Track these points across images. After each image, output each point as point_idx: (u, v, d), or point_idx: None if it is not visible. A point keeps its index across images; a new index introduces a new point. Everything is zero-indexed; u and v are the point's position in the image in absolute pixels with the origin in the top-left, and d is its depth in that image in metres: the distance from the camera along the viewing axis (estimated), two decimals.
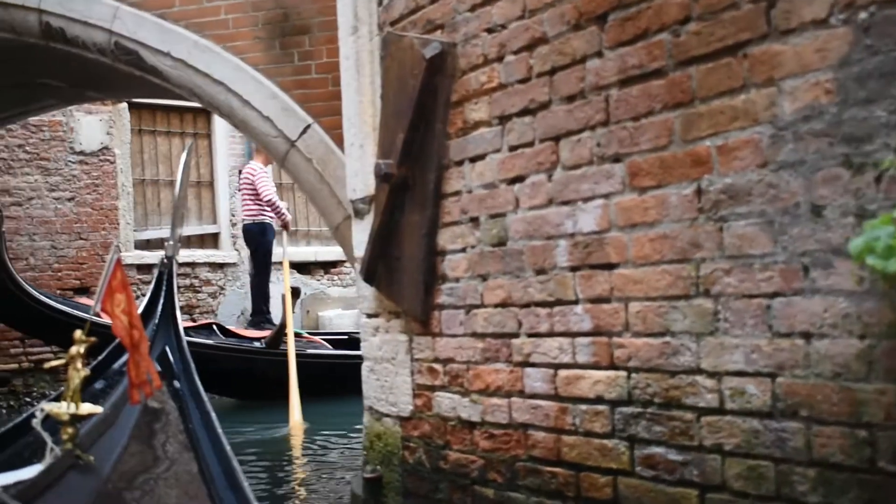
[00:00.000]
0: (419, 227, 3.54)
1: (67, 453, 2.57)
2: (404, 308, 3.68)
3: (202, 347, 9.25)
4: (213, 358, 9.23)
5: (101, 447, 2.90)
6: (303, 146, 5.41)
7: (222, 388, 9.95)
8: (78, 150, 11.63)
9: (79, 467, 2.61)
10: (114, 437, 3.10)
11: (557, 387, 2.96)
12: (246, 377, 9.48)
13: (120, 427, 3.20)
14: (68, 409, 2.59)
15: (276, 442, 7.71)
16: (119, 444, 3.08)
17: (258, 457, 6.98)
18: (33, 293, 9.48)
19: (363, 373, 4.09)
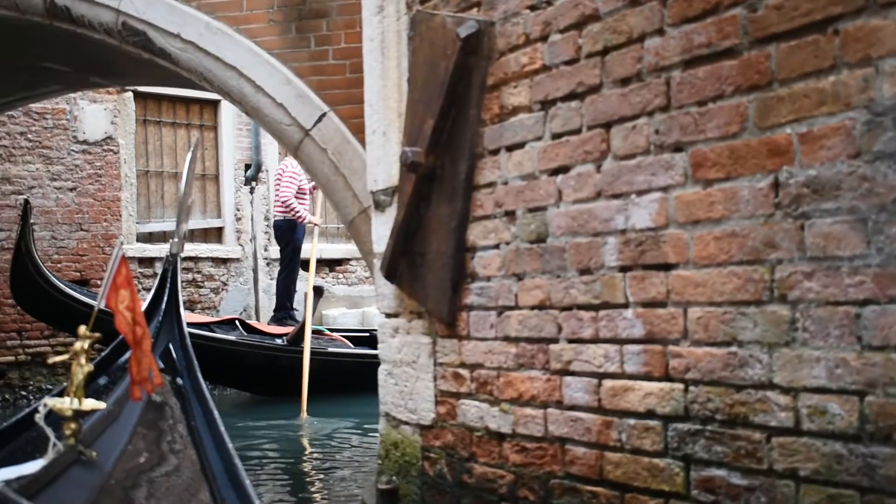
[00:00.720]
0: (447, 220, 3.27)
1: (70, 449, 2.55)
2: (428, 308, 3.41)
3: (225, 343, 9.54)
4: (235, 353, 9.41)
5: (104, 443, 2.87)
6: (317, 135, 5.14)
7: (243, 383, 10.10)
8: (81, 139, 11.39)
9: (81, 463, 2.58)
10: (116, 432, 3.07)
11: (601, 398, 2.69)
12: (267, 373, 9.48)
13: (122, 423, 3.17)
14: (71, 404, 2.55)
15: (286, 437, 7.68)
16: (121, 440, 3.05)
17: (265, 451, 6.97)
18: (58, 284, 9.48)
19: (380, 376, 3.82)
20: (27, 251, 9.18)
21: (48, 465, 2.44)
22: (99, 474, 2.67)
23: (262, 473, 6.16)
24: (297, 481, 6.10)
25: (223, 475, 3.22)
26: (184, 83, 8.62)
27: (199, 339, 9.25)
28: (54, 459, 2.47)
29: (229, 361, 9.42)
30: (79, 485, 2.55)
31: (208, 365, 9.54)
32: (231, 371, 9.62)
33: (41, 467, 2.41)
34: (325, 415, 8.07)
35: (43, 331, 11.02)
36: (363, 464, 6.21)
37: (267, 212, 12.70)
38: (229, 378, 10.13)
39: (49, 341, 11.10)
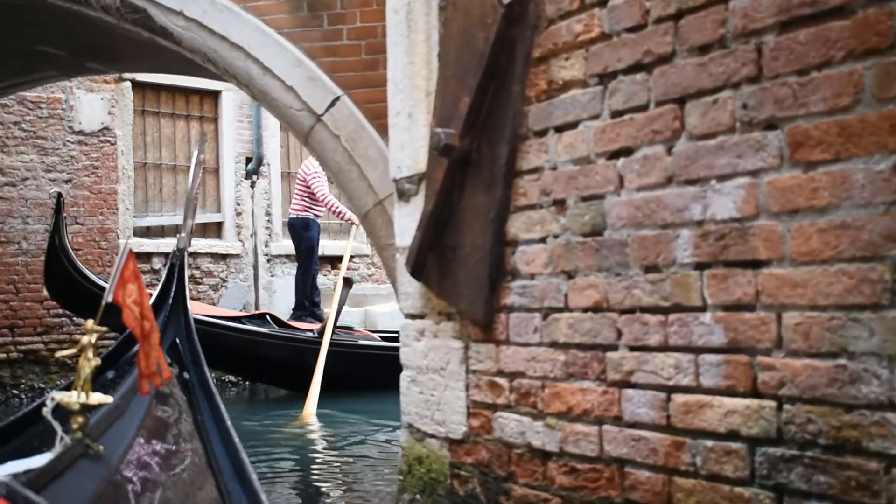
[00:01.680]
0: (485, 210, 2.91)
1: (77, 442, 2.54)
2: (461, 309, 3.05)
3: (256, 335, 9.57)
4: (267, 347, 9.48)
5: (111, 437, 2.88)
6: (330, 121, 4.77)
7: (275, 377, 10.14)
8: (77, 129, 11.04)
9: (88, 456, 2.59)
10: (123, 427, 3.08)
11: (671, 415, 2.33)
12: (297, 367, 9.37)
13: (129, 417, 3.18)
14: (78, 398, 2.55)
15: (286, 431, 7.66)
16: (128, 434, 3.06)
17: (272, 445, 6.94)
18: (92, 277, 9.48)
19: (402, 383, 3.46)
20: (61, 245, 9.13)
21: (55, 458, 2.44)
22: (106, 468, 2.68)
23: (273, 472, 6.09)
24: (312, 482, 5.97)
25: (229, 469, 3.27)
26: (184, 70, 8.25)
27: (232, 333, 9.51)
28: (61, 453, 2.47)
29: (261, 356, 9.53)
30: (86, 478, 2.55)
31: (239, 360, 9.34)
32: (262, 366, 9.73)
33: (48, 461, 2.41)
34: (345, 411, 8.06)
35: (36, 327, 10.67)
36: (382, 466, 6.04)
37: (268, 206, 12.36)
38: (260, 373, 10.19)
39: (42, 338, 10.74)
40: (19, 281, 10.55)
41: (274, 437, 7.33)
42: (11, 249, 10.51)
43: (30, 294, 10.63)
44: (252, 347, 9.42)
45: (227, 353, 9.53)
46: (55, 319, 10.77)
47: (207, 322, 9.44)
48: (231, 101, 12.12)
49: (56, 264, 9.37)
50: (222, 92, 12.06)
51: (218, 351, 9.46)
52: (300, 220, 10.76)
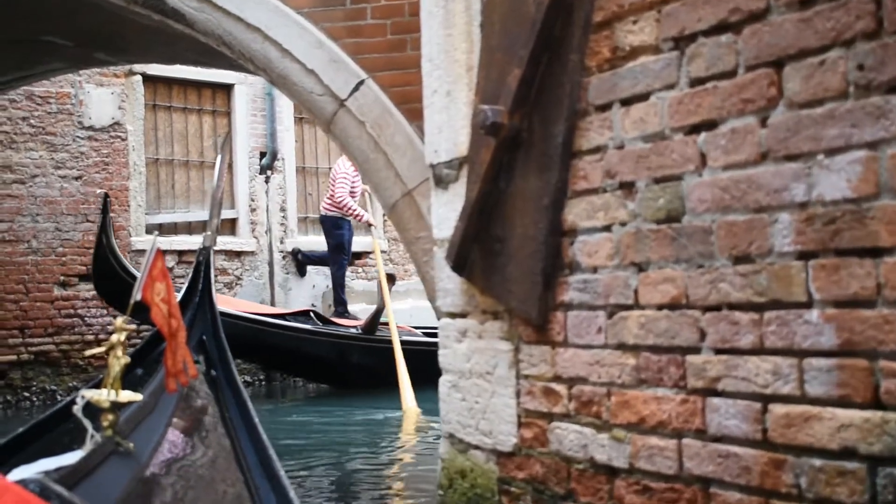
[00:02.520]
0: (538, 196, 2.60)
1: (107, 440, 2.56)
2: (510, 307, 2.74)
3: (301, 332, 9.66)
4: (311, 343, 9.60)
5: (141, 434, 2.88)
6: (354, 106, 4.46)
7: (319, 374, 10.27)
8: (87, 125, 10.77)
9: (119, 454, 2.59)
10: (152, 424, 3.08)
11: (767, 428, 2.01)
12: (342, 364, 9.58)
13: (158, 414, 3.17)
14: (109, 396, 2.55)
15: (385, 427, 7.83)
16: (157, 431, 3.06)
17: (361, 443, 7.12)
18: (133, 270, 9.46)
19: (441, 389, 3.15)
20: (108, 245, 9.17)
21: (86, 456, 2.44)
22: (136, 465, 2.69)
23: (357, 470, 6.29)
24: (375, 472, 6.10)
25: (257, 465, 3.32)
26: (196, 60, 7.95)
27: (277, 331, 9.56)
28: (92, 450, 2.48)
29: (306, 353, 9.65)
30: (116, 475, 2.56)
31: (285, 357, 9.33)
32: (308, 362, 9.86)
33: (79, 458, 2.41)
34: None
35: (46, 328, 10.41)
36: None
37: (283, 202, 12.07)
38: (305, 369, 10.32)
39: (53, 339, 10.48)
40: (29, 281, 10.29)
41: (384, 434, 7.51)
42: (21, 248, 10.25)
43: (40, 294, 10.37)
44: (297, 345, 9.53)
45: (273, 351, 9.67)
46: (66, 320, 10.51)
47: (253, 320, 9.61)
48: (244, 95, 11.84)
49: (104, 265, 9.36)
50: (235, 85, 11.78)
51: (264, 348, 9.74)
52: (330, 218, 10.81)
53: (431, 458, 6.25)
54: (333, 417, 8.55)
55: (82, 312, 10.63)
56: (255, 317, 9.62)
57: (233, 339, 9.32)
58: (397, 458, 6.75)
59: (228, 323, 9.65)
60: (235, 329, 9.76)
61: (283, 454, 6.10)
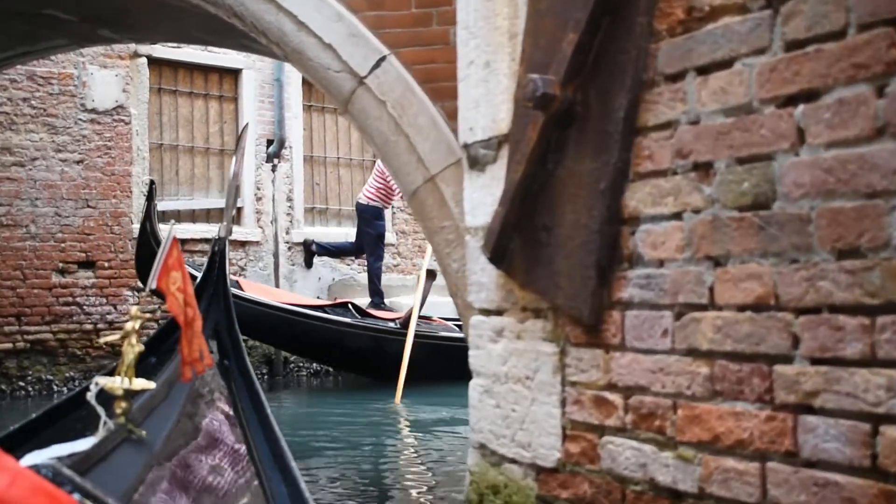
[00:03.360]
0: (593, 179, 2.28)
1: (120, 427, 2.61)
2: (557, 304, 2.42)
3: (341, 325, 9.74)
4: (350, 336, 9.68)
5: (153, 422, 2.93)
6: (374, 84, 4.13)
7: (356, 366, 10.27)
8: (90, 107, 10.46)
9: (131, 441, 2.65)
10: (165, 412, 3.12)
11: (878, 454, 1.69)
12: (380, 356, 9.53)
13: (171, 403, 3.21)
14: (122, 383, 2.62)
15: (375, 419, 7.93)
16: (170, 419, 3.09)
17: (352, 438, 7.16)
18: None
19: (471, 394, 2.83)
20: (153, 233, 9.02)
21: (99, 442, 2.47)
22: (148, 453, 2.71)
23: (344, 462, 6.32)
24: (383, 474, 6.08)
25: (268, 455, 3.34)
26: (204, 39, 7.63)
27: (317, 323, 9.60)
28: (105, 437, 2.51)
29: (344, 345, 9.71)
30: (128, 463, 2.58)
31: (324, 349, 9.34)
32: (344, 353, 9.88)
33: (92, 445, 2.44)
34: (427, 402, 8.33)
35: (44, 316, 10.10)
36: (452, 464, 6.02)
37: (290, 192, 11.76)
38: (343, 361, 10.35)
39: (51, 328, 10.18)
40: (27, 267, 9.99)
41: (357, 424, 7.66)
42: (19, 233, 9.95)
43: (38, 281, 10.07)
44: (336, 337, 9.63)
45: (312, 342, 9.74)
46: (64, 308, 10.21)
47: (294, 311, 9.63)
48: (252, 80, 11.52)
49: (149, 253, 9.12)
50: (243, 70, 11.47)
51: (302, 340, 9.79)
52: (371, 208, 10.61)
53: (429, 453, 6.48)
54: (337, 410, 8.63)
55: (81, 301, 10.33)
56: (296, 308, 9.68)
57: (272, 330, 9.28)
58: (391, 451, 6.81)
59: (268, 314, 9.54)
60: (275, 319, 9.68)
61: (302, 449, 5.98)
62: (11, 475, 1.37)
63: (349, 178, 12.48)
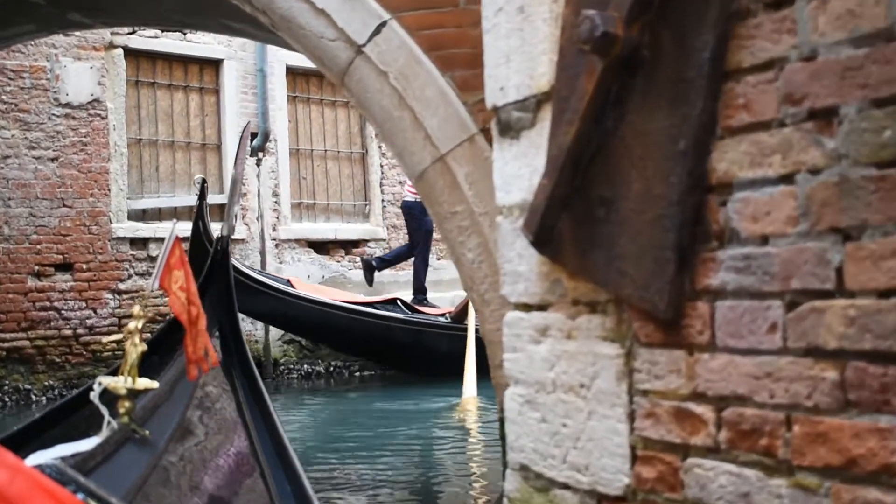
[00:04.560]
0: (669, 138, 1.82)
1: (124, 427, 2.59)
2: (621, 294, 1.96)
3: (392, 321, 9.81)
4: (401, 332, 9.72)
5: (157, 421, 2.91)
6: (374, 53, 3.67)
7: (404, 363, 10.19)
8: (64, 101, 9.99)
9: (134, 441, 2.62)
10: (169, 412, 3.12)
11: None
12: (431, 352, 9.53)
13: (175, 402, 3.22)
14: (125, 383, 2.61)
15: (441, 414, 8.03)
16: (174, 419, 3.09)
17: (417, 429, 7.34)
18: (239, 266, 9.37)
19: (509, 406, 2.37)
20: (206, 232, 8.87)
21: (102, 442, 2.45)
22: (151, 452, 2.69)
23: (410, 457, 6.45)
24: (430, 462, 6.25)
25: (272, 454, 3.33)
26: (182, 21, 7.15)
27: (369, 319, 9.67)
28: (108, 437, 2.50)
29: (394, 341, 9.73)
30: (132, 462, 2.55)
31: (374, 346, 9.32)
32: (395, 351, 9.89)
33: (96, 444, 2.42)
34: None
35: (20, 322, 9.62)
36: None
37: (275, 187, 11.29)
38: (392, 358, 10.28)
39: (28, 334, 9.71)
40: (0, 271, 9.50)
41: (427, 418, 7.79)
42: None
43: (12, 286, 9.58)
44: (387, 333, 9.66)
45: (362, 339, 9.76)
46: (41, 313, 9.73)
47: (345, 308, 9.70)
48: (234, 71, 11.07)
49: (202, 255, 9.06)
50: (224, 61, 11.02)
51: (355, 338, 9.79)
52: (419, 203, 10.19)
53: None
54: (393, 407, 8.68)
55: (59, 305, 9.86)
56: (348, 305, 9.73)
57: (324, 328, 9.10)
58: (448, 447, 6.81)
59: (317, 311, 9.30)
60: (327, 317, 9.68)
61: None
62: (12, 472, 1.36)
63: (337, 172, 12.02)
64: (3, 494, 1.32)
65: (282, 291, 9.71)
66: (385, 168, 12.15)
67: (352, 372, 11.34)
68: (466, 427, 7.48)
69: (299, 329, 10.32)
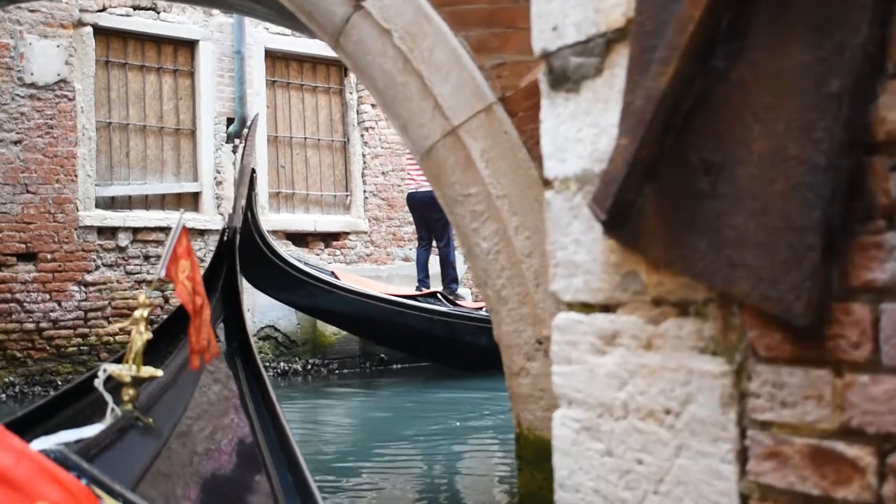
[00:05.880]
0: (812, 78, 1.32)
1: (127, 414, 2.60)
2: (737, 291, 1.45)
3: (435, 314, 9.65)
4: (444, 325, 9.56)
5: (160, 410, 2.93)
6: (375, 8, 3.16)
7: (446, 356, 9.91)
8: (28, 81, 9.42)
9: (138, 428, 2.63)
10: (173, 400, 3.13)
11: None
12: (475, 345, 9.21)
13: (179, 391, 3.22)
14: (130, 371, 2.61)
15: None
16: (177, 407, 3.10)
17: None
18: (286, 257, 9.42)
19: (559, 432, 1.87)
20: (254, 223, 8.84)
21: (106, 429, 2.46)
22: (155, 440, 2.72)
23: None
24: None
25: (274, 444, 3.33)
26: None
27: (413, 312, 9.53)
28: (112, 424, 2.51)
29: (436, 334, 9.57)
30: (135, 450, 2.58)
31: (421, 340, 9.18)
32: (439, 344, 9.68)
33: (100, 431, 2.43)
34: None
35: None
36: None
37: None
38: (436, 352, 10.03)
39: None
40: None
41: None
42: None
43: None
44: (430, 327, 9.52)
45: (405, 333, 9.58)
46: (2, 305, 9.19)
47: (391, 301, 9.54)
48: (210, 53, 10.52)
49: (250, 246, 8.76)
50: (200, 42, 10.47)
51: (396, 330, 9.62)
52: (432, 192, 9.97)
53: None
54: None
55: (21, 297, 9.30)
56: (393, 298, 9.59)
57: (368, 321, 8.84)
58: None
59: (361, 303, 9.06)
60: (371, 310, 9.44)
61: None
62: (17, 455, 1.35)
63: (317, 160, 11.49)
64: (8, 478, 1.30)
65: (326, 282, 9.53)
66: (367, 158, 11.64)
67: (331, 370, 10.84)
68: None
69: (341, 321, 10.10)
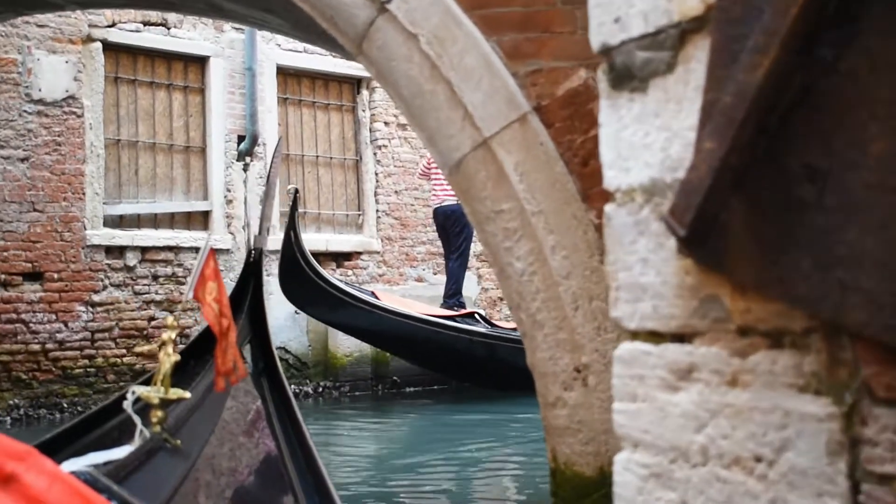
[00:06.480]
0: None
1: (155, 436, 2.60)
2: (850, 320, 1.23)
3: (474, 335, 9.63)
4: (482, 346, 9.54)
5: (188, 432, 2.93)
6: (401, 11, 2.96)
7: (485, 377, 9.88)
8: (36, 97, 9.27)
9: (166, 450, 2.62)
10: (200, 422, 3.14)
11: None
12: (510, 368, 9.00)
13: (206, 413, 3.24)
14: (158, 392, 2.61)
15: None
16: (205, 429, 3.11)
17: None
18: (329, 278, 9.43)
19: (621, 479, 1.64)
20: (297, 243, 8.90)
21: (135, 451, 2.48)
22: (183, 462, 2.72)
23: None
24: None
25: (302, 465, 3.42)
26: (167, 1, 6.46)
27: (451, 332, 9.50)
28: (140, 446, 2.53)
29: (477, 356, 9.55)
30: (164, 472, 2.58)
31: (459, 361, 9.08)
32: (478, 366, 9.66)
33: (128, 453, 2.44)
34: None
35: None
36: None
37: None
38: (474, 374, 10.07)
39: None
40: None
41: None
42: None
43: None
44: (469, 347, 9.52)
45: (444, 353, 9.55)
46: (7, 326, 8.98)
47: (430, 322, 9.53)
48: (221, 70, 10.36)
49: (292, 265, 8.96)
50: (210, 58, 10.31)
51: (435, 350, 9.60)
52: (460, 206, 9.84)
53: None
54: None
55: (27, 317, 9.10)
56: (433, 319, 9.63)
57: (402, 340, 8.84)
58: None
59: (401, 323, 9.02)
60: (407, 329, 9.41)
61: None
62: (50, 478, 1.35)
63: (329, 179, 11.31)
64: (42, 501, 1.30)
65: (367, 303, 9.52)
66: (380, 176, 11.46)
67: (342, 393, 10.62)
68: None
69: (381, 341, 10.07)
